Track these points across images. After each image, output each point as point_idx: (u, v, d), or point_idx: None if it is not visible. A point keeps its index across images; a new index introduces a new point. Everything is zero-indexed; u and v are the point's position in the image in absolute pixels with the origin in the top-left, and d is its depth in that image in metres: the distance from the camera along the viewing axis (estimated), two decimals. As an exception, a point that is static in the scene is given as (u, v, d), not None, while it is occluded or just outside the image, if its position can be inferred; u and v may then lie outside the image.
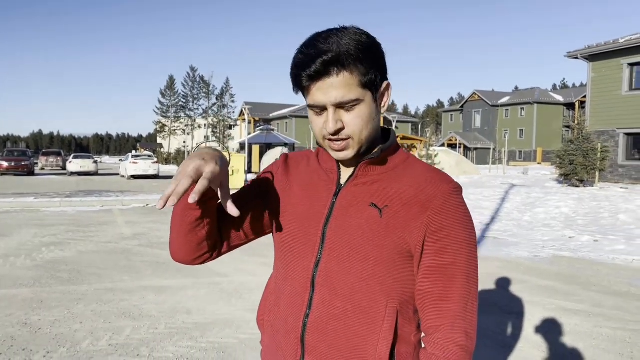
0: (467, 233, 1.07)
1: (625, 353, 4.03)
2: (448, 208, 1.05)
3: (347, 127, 1.05)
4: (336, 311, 1.08)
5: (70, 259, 7.27)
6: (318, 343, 1.09)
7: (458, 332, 1.05)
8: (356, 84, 1.02)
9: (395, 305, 1.08)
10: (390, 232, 1.06)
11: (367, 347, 1.07)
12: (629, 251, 8.00)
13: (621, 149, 21.22)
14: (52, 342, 4.11)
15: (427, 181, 1.09)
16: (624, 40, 20.72)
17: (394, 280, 1.08)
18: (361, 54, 1.02)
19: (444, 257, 1.05)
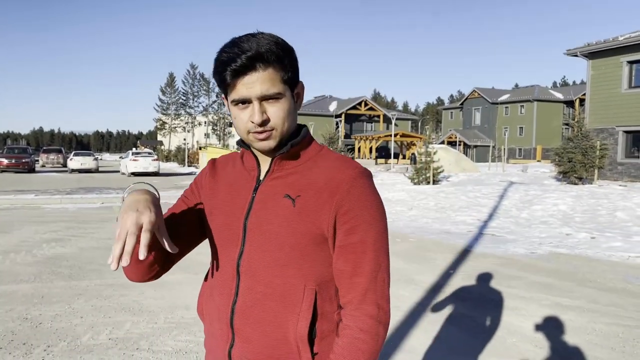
0: (373, 212, 1.15)
1: (618, 347, 4.08)
2: (354, 191, 1.14)
3: (271, 118, 1.14)
4: (258, 296, 1.17)
5: (71, 255, 7.33)
6: (244, 326, 1.19)
7: (369, 303, 1.13)
8: (278, 79, 1.13)
9: (313, 286, 1.16)
10: (303, 219, 1.14)
11: (288, 325, 1.16)
12: (626, 248, 8.05)
13: (620, 146, 21.26)
14: (53, 336, 4.17)
15: (335, 169, 1.17)
16: (623, 38, 20.73)
17: (311, 263, 1.16)
18: (281, 53, 1.13)
19: (352, 237, 1.14)
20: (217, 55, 1.14)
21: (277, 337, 1.16)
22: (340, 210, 1.13)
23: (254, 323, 1.18)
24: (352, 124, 59.34)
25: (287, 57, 1.15)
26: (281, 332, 1.16)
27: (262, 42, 1.12)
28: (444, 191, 16.20)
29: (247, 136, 1.18)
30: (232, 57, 1.10)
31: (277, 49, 1.12)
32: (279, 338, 1.16)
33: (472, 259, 7.41)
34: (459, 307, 5.10)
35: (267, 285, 1.17)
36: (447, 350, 4.00)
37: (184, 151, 45.69)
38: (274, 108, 1.14)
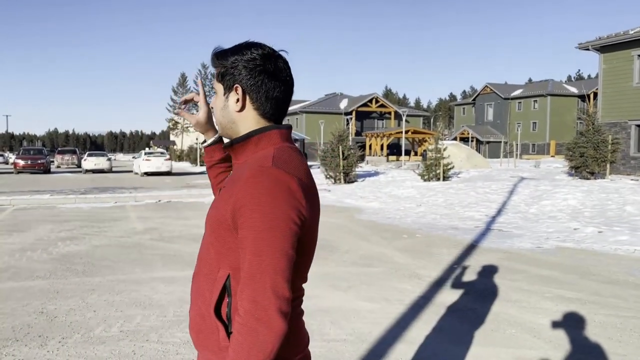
0: (259, 211, 1.18)
1: (614, 337, 4.16)
2: (245, 188, 1.20)
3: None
4: (196, 269, 1.40)
5: (85, 252, 7.54)
6: (191, 292, 1.41)
7: (245, 298, 1.17)
8: (215, 76, 1.42)
9: (227, 270, 1.28)
10: (218, 208, 1.30)
11: (206, 299, 1.32)
12: (632, 241, 8.07)
13: (633, 140, 21.09)
14: (67, 329, 4.36)
15: (249, 164, 1.29)
16: (634, 32, 20.55)
17: (227, 249, 1.28)
18: (221, 56, 1.39)
19: (241, 232, 1.20)
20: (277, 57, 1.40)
21: (201, 309, 1.34)
22: (235, 205, 1.21)
23: (193, 292, 1.39)
24: (362, 121, 59.32)
25: (227, 63, 1.38)
26: (204, 306, 1.33)
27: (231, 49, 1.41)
28: (453, 187, 16.23)
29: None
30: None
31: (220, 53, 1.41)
32: (203, 311, 1.33)
33: (477, 253, 7.49)
34: (461, 299, 5.20)
35: (199, 261, 1.38)
36: (447, 341, 4.11)
37: (196, 151, 46.05)
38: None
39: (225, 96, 1.38)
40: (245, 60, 1.34)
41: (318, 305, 4.98)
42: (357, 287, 5.69)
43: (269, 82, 1.34)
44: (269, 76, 1.34)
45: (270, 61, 1.35)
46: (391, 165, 36.01)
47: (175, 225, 10.22)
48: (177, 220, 11.09)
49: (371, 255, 7.41)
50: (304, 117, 56.00)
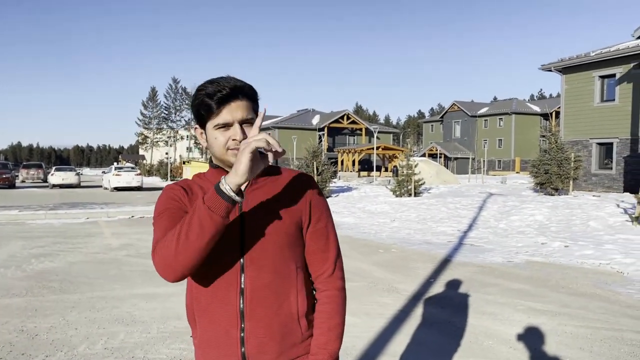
0: (327, 205, 1.62)
1: (586, 347, 4.38)
2: (314, 189, 1.58)
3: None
4: (265, 281, 1.46)
5: (60, 269, 7.44)
6: (254, 306, 1.45)
7: (337, 275, 1.58)
8: (251, 107, 1.47)
9: (301, 266, 1.53)
10: (290, 216, 1.50)
11: (290, 301, 1.49)
12: (597, 255, 8.43)
13: (594, 158, 21.93)
14: (50, 347, 4.33)
15: (296, 176, 1.58)
16: (594, 54, 21.49)
17: (297, 248, 1.52)
18: (251, 90, 1.50)
19: (320, 223, 1.56)
20: (199, 90, 1.45)
21: (284, 310, 1.48)
22: (310, 205, 1.54)
23: (264, 301, 1.46)
24: (334, 137, 59.82)
25: (255, 95, 1.51)
26: (286, 305, 1.49)
27: (236, 81, 1.47)
28: (425, 203, 16.56)
29: (226, 153, 1.46)
30: (217, 89, 1.42)
31: (249, 86, 1.49)
32: (285, 311, 1.48)
33: (452, 268, 7.71)
34: (440, 313, 5.37)
35: (270, 272, 1.46)
36: (428, 354, 4.25)
37: (167, 165, 45.57)
38: (249, 130, 1.45)
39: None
40: (256, 94, 1.55)
41: (301, 320, 5.07)
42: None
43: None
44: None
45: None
46: (363, 181, 36.37)
47: (151, 241, 10.13)
48: (152, 235, 10.98)
49: (350, 270, 7.54)
50: (276, 133, 56.13)
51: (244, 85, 1.47)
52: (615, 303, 5.80)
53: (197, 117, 1.49)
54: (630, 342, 4.52)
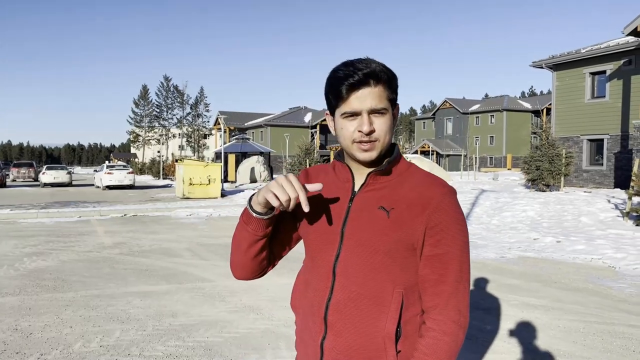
0: (459, 227, 1.30)
1: (579, 341, 4.43)
2: (443, 207, 1.28)
3: (376, 129, 1.28)
4: (352, 295, 1.30)
5: (54, 268, 7.41)
6: (337, 321, 1.32)
7: (451, 309, 1.28)
8: (385, 96, 1.29)
9: (400, 290, 1.30)
10: (397, 229, 1.28)
11: (377, 324, 1.29)
12: (588, 251, 8.51)
13: (585, 154, 22.08)
14: (45, 345, 4.31)
15: (426, 185, 1.31)
16: (585, 51, 21.62)
17: (400, 269, 1.30)
18: (390, 75, 1.30)
19: (439, 248, 1.28)
20: (331, 73, 1.31)
21: (366, 332, 1.30)
22: (429, 224, 1.27)
23: (346, 319, 1.31)
24: (327, 134, 59.80)
25: (392, 81, 1.31)
26: (370, 329, 1.29)
27: (374, 64, 1.28)
28: (418, 200, 16.59)
29: (352, 146, 1.31)
30: (349, 73, 1.26)
31: (386, 72, 1.29)
32: (368, 334, 1.29)
33: (445, 264, 7.74)
34: (434, 308, 5.40)
35: (360, 285, 1.30)
36: (422, 348, 4.28)
37: (159, 163, 45.37)
38: (380, 121, 1.29)
39: (392, 117, 1.33)
40: (395, 79, 1.34)
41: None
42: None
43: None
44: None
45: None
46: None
47: (144, 240, 10.12)
48: (145, 234, 10.97)
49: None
50: (269, 131, 56.04)
51: (380, 70, 1.28)
52: (607, 297, 5.86)
53: (327, 102, 1.35)
54: (622, 335, 4.58)
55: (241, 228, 1.37)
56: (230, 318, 5.05)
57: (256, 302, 5.64)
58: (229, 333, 4.62)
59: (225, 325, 4.82)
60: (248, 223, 1.34)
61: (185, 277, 6.86)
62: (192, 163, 22.23)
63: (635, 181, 11.28)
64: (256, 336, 4.54)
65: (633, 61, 20.04)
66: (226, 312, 5.25)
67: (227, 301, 5.67)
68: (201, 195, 20.65)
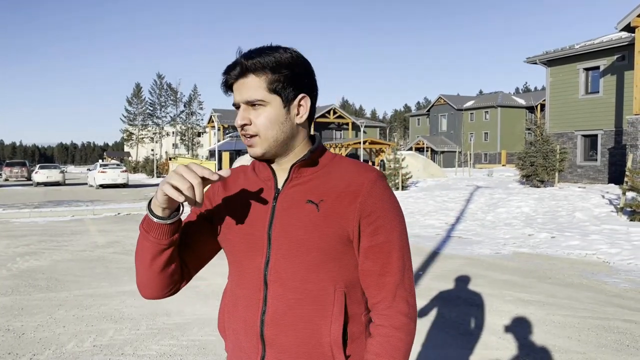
0: (395, 213, 1.20)
1: (573, 337, 4.43)
2: (375, 193, 1.18)
3: (253, 123, 1.18)
4: (290, 302, 1.17)
5: (47, 267, 7.35)
6: (277, 336, 1.17)
7: (400, 301, 1.18)
8: (263, 87, 1.16)
9: (342, 289, 1.18)
10: (330, 223, 1.16)
11: (321, 330, 1.17)
12: (583, 246, 8.53)
13: (579, 150, 22.15)
14: (37, 345, 4.27)
15: (354, 173, 1.20)
16: (579, 46, 21.67)
17: (339, 266, 1.18)
18: (271, 64, 1.16)
19: (378, 237, 1.17)
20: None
21: (310, 342, 1.17)
22: (363, 213, 1.16)
23: (287, 331, 1.17)
24: (321, 132, 59.73)
25: (282, 70, 1.17)
26: (315, 338, 1.17)
27: (255, 53, 1.17)
28: (412, 196, 16.63)
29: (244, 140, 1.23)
30: (231, 66, 1.19)
31: (272, 62, 1.16)
32: (314, 344, 1.17)
33: (440, 260, 7.75)
34: (429, 304, 5.40)
35: (298, 291, 1.17)
36: (416, 345, 4.27)
37: (153, 162, 45.20)
38: (256, 113, 1.17)
39: (286, 109, 1.19)
40: (304, 66, 1.22)
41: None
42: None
43: (317, 88, 1.28)
44: (316, 81, 1.27)
45: (310, 64, 1.26)
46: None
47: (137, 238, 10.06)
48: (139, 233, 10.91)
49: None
50: (262, 128, 55.91)
51: (254, 61, 1.16)
52: (601, 292, 5.87)
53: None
54: (616, 330, 4.58)
55: (142, 238, 1.18)
56: (225, 316, 5.02)
57: (251, 300, 5.61)
58: (224, 331, 4.59)
59: (219, 324, 4.79)
60: (149, 231, 1.15)
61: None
62: (186, 161, 22.16)
63: (629, 176, 11.32)
64: (251, 334, 4.51)
65: (626, 57, 20.10)
66: (220, 311, 5.22)
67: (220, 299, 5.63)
68: (196, 194, 20.55)
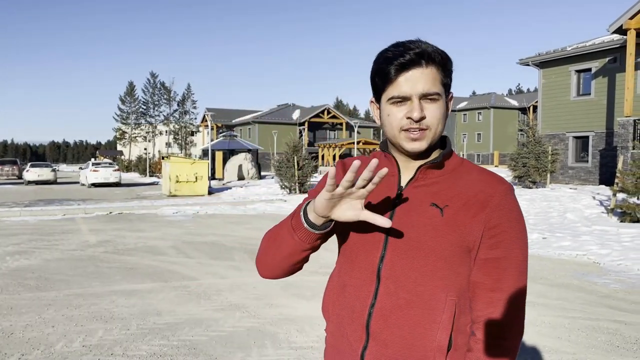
0: (520, 229, 1.17)
1: (564, 337, 4.45)
2: (503, 206, 1.15)
3: (428, 117, 1.15)
4: (400, 302, 1.17)
5: (37, 267, 7.29)
6: (382, 330, 1.18)
7: (510, 317, 1.15)
8: (439, 80, 1.16)
9: (454, 297, 1.16)
10: (452, 230, 1.15)
11: (428, 335, 1.16)
12: (574, 247, 8.57)
13: (570, 151, 22.28)
14: (26, 345, 4.24)
15: (484, 182, 1.18)
16: (571, 48, 21.79)
17: (455, 274, 1.17)
18: (442, 57, 1.17)
19: (497, 251, 1.14)
20: (379, 54, 1.19)
21: (414, 344, 1.16)
22: (488, 224, 1.14)
23: (393, 328, 1.18)
24: (315, 132, 59.76)
25: (447, 64, 1.18)
26: (420, 341, 1.16)
27: (426, 45, 1.16)
28: (405, 197, 16.63)
29: (399, 134, 1.17)
30: (399, 53, 1.13)
31: (440, 54, 1.16)
32: (417, 345, 1.16)
33: (432, 260, 7.75)
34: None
35: (410, 292, 1.16)
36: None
37: (145, 161, 45.00)
38: (432, 107, 1.15)
39: (446, 104, 1.20)
40: (450, 62, 1.21)
41: (284, 314, 5.07)
42: (320, 295, 5.79)
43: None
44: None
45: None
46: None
47: (129, 238, 10.02)
48: (131, 232, 10.86)
49: (331, 264, 7.53)
50: (256, 128, 55.85)
51: (433, 51, 1.15)
52: (592, 293, 5.90)
53: (373, 86, 1.21)
54: (607, 330, 4.61)
55: (287, 233, 1.18)
56: (216, 316, 5.00)
57: (242, 300, 5.59)
58: (214, 332, 4.57)
59: (210, 324, 4.78)
60: (296, 230, 1.16)
61: (171, 275, 6.80)
62: (179, 160, 22.08)
63: (620, 178, 11.40)
64: (242, 335, 4.50)
65: (618, 59, 20.23)
66: (212, 311, 5.20)
67: (212, 299, 5.62)
68: (188, 193, 20.52)
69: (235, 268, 7.25)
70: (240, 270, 7.08)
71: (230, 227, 11.84)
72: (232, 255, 8.19)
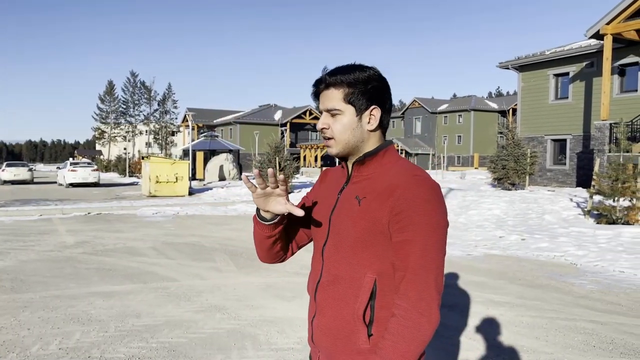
0: (424, 214, 1.30)
1: (542, 337, 4.51)
2: (408, 194, 1.31)
3: (330, 128, 1.44)
4: (331, 277, 1.44)
5: (12, 268, 7.14)
6: (321, 302, 1.46)
7: (411, 295, 1.28)
8: (340, 99, 1.42)
9: (373, 275, 1.36)
10: (364, 217, 1.36)
11: (349, 307, 1.38)
12: (551, 248, 8.70)
13: (549, 154, 22.62)
14: (1, 348, 4.15)
15: (397, 175, 1.37)
16: (550, 53, 22.13)
17: (373, 256, 1.36)
18: (349, 80, 1.41)
19: (404, 234, 1.30)
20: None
21: (342, 314, 1.39)
22: (393, 210, 1.31)
23: (328, 300, 1.43)
24: (297, 132, 59.69)
25: (358, 85, 1.41)
26: (345, 311, 1.39)
27: (337, 71, 1.43)
28: (387, 198, 16.70)
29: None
30: (316, 81, 1.47)
31: (346, 77, 1.41)
32: (344, 316, 1.39)
33: (413, 261, 7.79)
34: (401, 306, 5.42)
35: (337, 270, 1.42)
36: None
37: (125, 161, 44.44)
38: (333, 120, 1.43)
39: (358, 117, 1.42)
40: (378, 83, 1.44)
41: (264, 316, 5.04)
42: (300, 296, 5.79)
43: (391, 100, 1.49)
44: (390, 95, 1.48)
45: (386, 80, 1.48)
46: (325, 177, 36.35)
47: (108, 239, 9.88)
48: (109, 233, 10.71)
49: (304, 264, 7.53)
50: (238, 128, 55.56)
51: (334, 77, 1.42)
52: (569, 294, 5.99)
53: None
54: (583, 330, 4.68)
55: (254, 224, 1.54)
56: (196, 318, 4.96)
57: (222, 301, 5.55)
58: (194, 333, 4.53)
59: (190, 326, 4.73)
60: (256, 223, 1.52)
61: (150, 276, 6.72)
62: (159, 160, 21.85)
63: (596, 180, 11.60)
64: (222, 336, 4.47)
65: (595, 63, 20.61)
66: (192, 312, 5.15)
67: (192, 301, 5.57)
68: (168, 193, 20.32)
69: (215, 269, 7.20)
70: (221, 272, 7.03)
71: (211, 228, 11.75)
72: (213, 256, 8.13)
